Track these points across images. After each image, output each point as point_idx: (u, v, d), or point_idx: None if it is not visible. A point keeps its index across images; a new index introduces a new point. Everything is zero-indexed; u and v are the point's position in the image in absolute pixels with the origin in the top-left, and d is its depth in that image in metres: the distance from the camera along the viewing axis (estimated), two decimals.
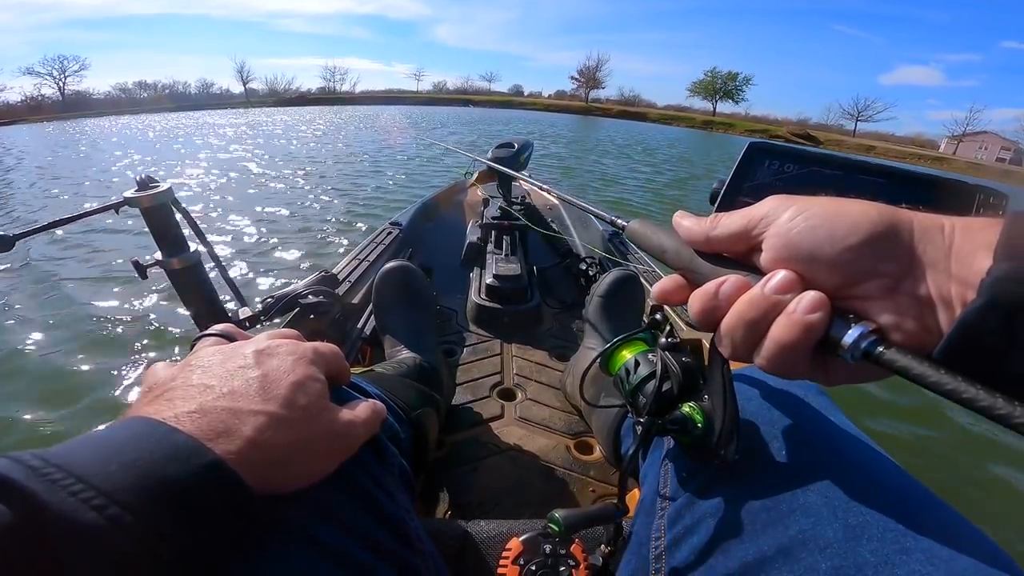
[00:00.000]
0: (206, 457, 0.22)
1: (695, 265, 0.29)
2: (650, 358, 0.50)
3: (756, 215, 0.26)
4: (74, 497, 0.18)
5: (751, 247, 0.26)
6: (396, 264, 0.94)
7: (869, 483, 0.29)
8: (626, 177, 7.05)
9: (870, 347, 0.21)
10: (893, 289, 0.22)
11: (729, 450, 0.32)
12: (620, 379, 0.53)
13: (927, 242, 0.22)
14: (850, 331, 0.22)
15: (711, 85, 69.83)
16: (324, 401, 0.30)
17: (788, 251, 0.24)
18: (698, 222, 0.29)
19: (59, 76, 59.61)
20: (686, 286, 0.29)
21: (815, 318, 0.22)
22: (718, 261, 0.28)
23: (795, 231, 0.24)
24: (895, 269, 0.22)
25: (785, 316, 0.23)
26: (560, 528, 0.37)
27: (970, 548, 0.24)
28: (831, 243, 0.23)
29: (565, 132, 17.12)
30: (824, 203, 0.24)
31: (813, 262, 0.23)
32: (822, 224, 0.23)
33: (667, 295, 0.30)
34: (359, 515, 0.30)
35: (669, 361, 0.39)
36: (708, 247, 0.28)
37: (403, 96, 76.21)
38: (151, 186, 0.76)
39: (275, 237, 3.38)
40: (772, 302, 0.24)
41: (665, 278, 0.31)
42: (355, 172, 6.27)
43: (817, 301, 0.22)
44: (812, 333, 0.22)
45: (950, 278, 0.21)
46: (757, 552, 0.29)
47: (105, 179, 6.20)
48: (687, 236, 0.29)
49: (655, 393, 0.37)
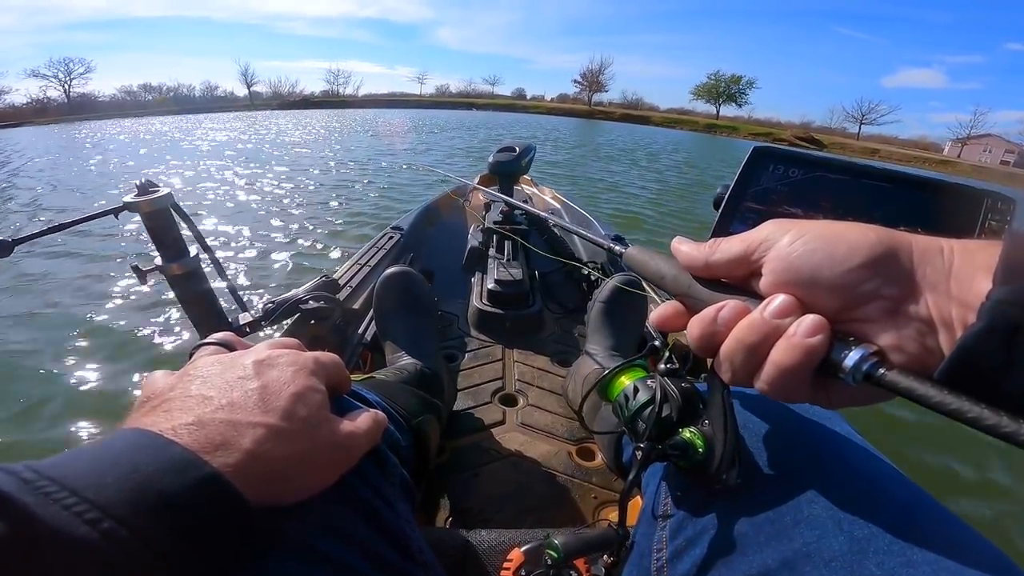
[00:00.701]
0: (203, 470, 0.22)
1: (694, 291, 0.29)
2: (649, 384, 0.50)
3: (755, 239, 0.26)
4: (67, 511, 0.18)
5: (750, 272, 0.26)
6: (397, 269, 0.94)
7: (874, 494, 0.29)
8: (630, 184, 6.88)
9: (871, 369, 0.21)
10: (894, 311, 0.22)
11: (731, 475, 0.31)
12: (619, 405, 0.53)
13: (927, 264, 0.22)
14: (851, 353, 0.22)
15: (714, 89, 69.96)
16: (324, 412, 0.30)
17: (788, 275, 0.24)
18: (697, 247, 0.29)
19: (64, 78, 59.88)
20: (685, 312, 0.29)
21: (815, 341, 0.22)
22: (717, 287, 0.28)
23: (795, 255, 0.24)
24: (895, 291, 0.22)
25: (785, 340, 0.23)
26: (559, 555, 0.37)
27: (978, 559, 0.24)
28: (831, 266, 0.23)
29: (568, 137, 17.04)
30: (823, 227, 0.24)
31: (813, 286, 0.23)
32: (822, 247, 0.23)
33: (666, 321, 0.30)
34: (360, 527, 0.30)
35: (668, 386, 0.38)
36: (707, 272, 0.28)
37: (406, 99, 76.18)
38: (151, 191, 0.76)
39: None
40: (772, 326, 0.24)
41: (663, 304, 0.31)
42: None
43: (817, 324, 0.23)
44: (813, 356, 0.23)
45: (951, 300, 0.21)
46: (761, 565, 0.29)
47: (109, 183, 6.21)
48: (686, 262, 0.29)
49: (654, 418, 0.37)
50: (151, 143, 11.91)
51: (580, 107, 66.22)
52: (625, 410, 0.51)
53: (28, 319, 2.28)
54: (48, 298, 2.51)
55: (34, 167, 7.81)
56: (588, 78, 76.63)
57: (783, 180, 0.38)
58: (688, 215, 5.06)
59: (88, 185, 6.07)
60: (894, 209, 0.35)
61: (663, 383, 0.38)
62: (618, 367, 0.54)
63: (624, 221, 4.44)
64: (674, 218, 4.85)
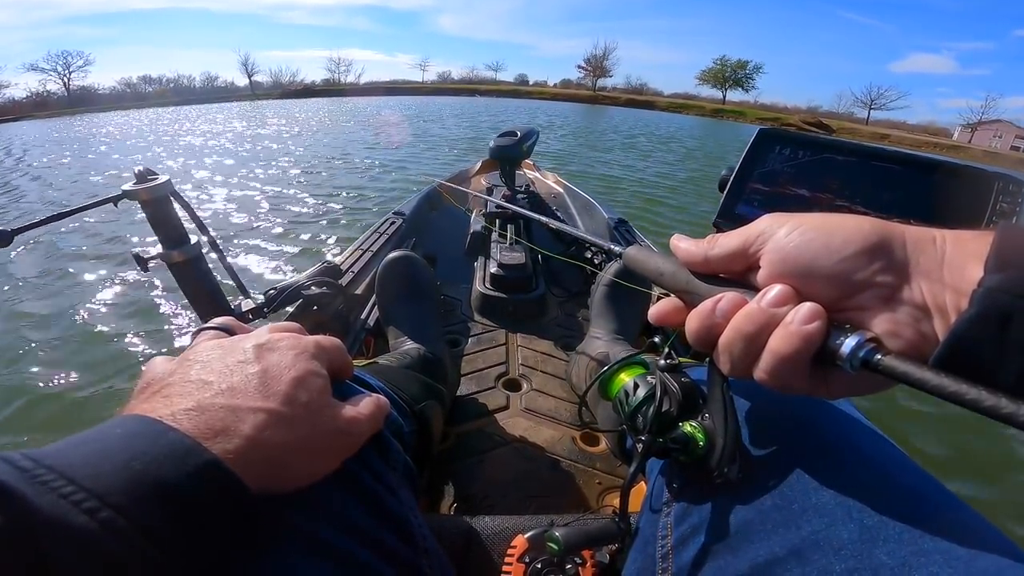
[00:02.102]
0: (203, 457, 0.22)
1: (692, 286, 0.29)
2: (648, 380, 0.50)
3: (753, 232, 0.26)
4: (65, 500, 0.18)
5: (748, 265, 0.27)
6: (399, 254, 0.94)
7: (885, 482, 0.28)
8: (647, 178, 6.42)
9: (868, 355, 0.21)
10: (889, 299, 0.22)
11: (732, 469, 0.31)
12: (619, 402, 0.53)
13: (920, 252, 0.22)
14: (848, 340, 0.22)
15: (720, 73, 68.90)
16: (326, 397, 0.29)
17: (785, 265, 0.25)
18: (695, 244, 0.29)
19: (63, 72, 59.17)
20: (683, 308, 0.30)
21: (812, 328, 0.23)
22: (715, 281, 0.28)
23: (791, 245, 0.24)
24: (890, 279, 0.22)
25: (783, 328, 0.24)
26: (560, 548, 0.37)
27: (990, 549, 0.24)
28: (827, 255, 0.23)
29: (573, 122, 16.77)
30: (819, 218, 0.25)
31: (809, 275, 0.24)
32: (818, 238, 0.24)
33: (664, 317, 0.31)
34: (361, 514, 0.30)
35: (667, 381, 0.38)
36: (706, 267, 0.29)
37: (408, 87, 74.95)
38: (149, 178, 0.75)
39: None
40: (769, 315, 0.24)
41: (662, 300, 0.31)
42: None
43: (814, 311, 0.23)
44: (810, 343, 0.23)
45: (944, 286, 0.21)
46: (768, 553, 0.28)
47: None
48: (685, 258, 0.29)
49: (654, 413, 0.36)
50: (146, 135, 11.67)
51: (584, 92, 65.39)
52: (625, 407, 0.51)
53: (27, 307, 2.29)
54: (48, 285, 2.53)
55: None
56: (592, 63, 75.62)
57: (790, 162, 0.37)
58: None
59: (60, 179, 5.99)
60: (903, 191, 0.34)
61: (663, 378, 0.38)
62: (617, 363, 0.54)
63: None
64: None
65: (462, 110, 21.99)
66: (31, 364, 1.85)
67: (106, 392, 1.69)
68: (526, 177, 2.43)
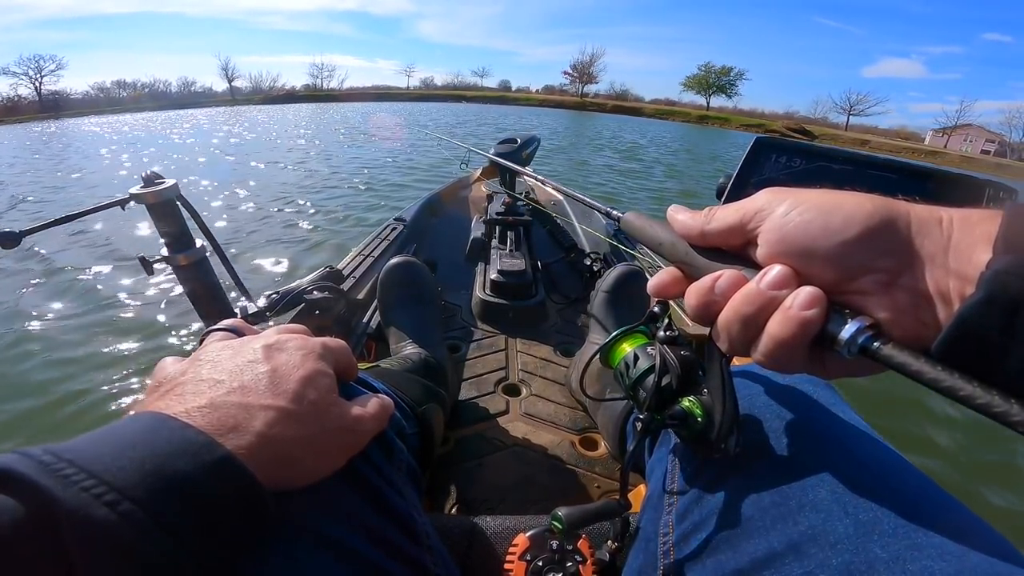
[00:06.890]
0: (217, 452, 0.22)
1: (691, 259, 0.29)
2: (649, 351, 0.50)
3: (751, 208, 0.25)
4: (86, 492, 0.18)
5: (747, 241, 0.26)
6: (400, 260, 0.94)
7: (879, 479, 0.29)
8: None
9: (867, 342, 0.21)
10: (890, 284, 0.22)
11: (730, 443, 0.32)
12: (620, 373, 0.53)
13: (924, 235, 0.21)
14: (847, 326, 0.22)
15: (705, 80, 69.30)
16: (333, 396, 0.30)
17: (783, 246, 0.24)
18: (693, 216, 0.29)
19: (35, 76, 57.20)
20: (683, 279, 0.29)
21: (811, 314, 0.22)
22: (714, 255, 0.28)
23: (790, 225, 0.24)
24: (892, 264, 0.22)
25: (781, 312, 0.23)
26: (562, 526, 0.37)
27: (982, 544, 0.24)
28: (826, 237, 0.22)
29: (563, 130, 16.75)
30: (819, 196, 0.24)
31: (809, 257, 0.23)
32: (817, 218, 0.23)
33: (664, 288, 0.30)
34: (368, 512, 0.30)
35: (668, 355, 0.38)
36: (703, 241, 0.28)
37: (393, 93, 74.41)
38: (156, 182, 0.76)
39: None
40: (768, 298, 0.24)
41: (661, 271, 0.30)
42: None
43: (813, 297, 0.22)
44: (808, 329, 0.22)
45: (948, 273, 0.20)
46: (767, 548, 0.29)
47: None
48: (682, 230, 0.29)
49: (654, 388, 0.37)
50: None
51: (571, 99, 65.51)
52: (626, 378, 0.51)
53: (36, 308, 2.29)
54: (56, 287, 2.53)
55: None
56: (579, 70, 75.92)
57: (785, 170, 0.38)
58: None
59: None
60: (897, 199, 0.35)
61: (663, 351, 0.38)
62: (620, 332, 0.54)
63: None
64: None
65: (455, 117, 21.94)
66: (39, 365, 1.85)
67: (114, 393, 1.69)
68: (526, 184, 2.44)
